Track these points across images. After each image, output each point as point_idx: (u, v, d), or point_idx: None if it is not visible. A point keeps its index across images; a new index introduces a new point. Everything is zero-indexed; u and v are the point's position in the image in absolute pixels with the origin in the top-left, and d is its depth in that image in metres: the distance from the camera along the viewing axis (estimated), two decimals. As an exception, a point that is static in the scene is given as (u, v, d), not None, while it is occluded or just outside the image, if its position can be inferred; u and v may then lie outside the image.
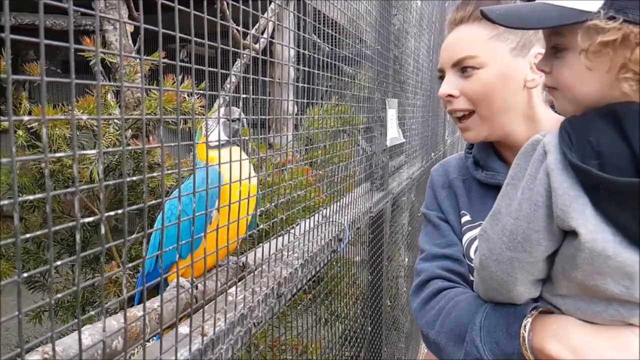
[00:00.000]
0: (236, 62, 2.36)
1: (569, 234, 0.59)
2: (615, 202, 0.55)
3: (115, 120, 1.72)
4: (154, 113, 1.76)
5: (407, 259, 2.84)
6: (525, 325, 0.67)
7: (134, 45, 2.31)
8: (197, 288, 0.83)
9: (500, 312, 0.72)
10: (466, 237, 0.91)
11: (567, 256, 0.60)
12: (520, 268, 0.63)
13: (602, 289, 0.58)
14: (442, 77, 0.91)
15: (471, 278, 0.88)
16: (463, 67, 0.86)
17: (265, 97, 0.81)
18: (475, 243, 0.88)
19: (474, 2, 0.87)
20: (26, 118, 0.36)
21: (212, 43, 0.60)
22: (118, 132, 1.75)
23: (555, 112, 0.89)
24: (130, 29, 2.46)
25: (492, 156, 0.92)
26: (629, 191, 0.53)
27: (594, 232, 0.55)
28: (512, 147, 0.89)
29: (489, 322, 0.72)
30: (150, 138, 2.02)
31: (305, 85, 1.00)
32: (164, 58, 0.55)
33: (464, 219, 0.93)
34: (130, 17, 2.34)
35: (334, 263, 1.49)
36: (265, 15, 1.46)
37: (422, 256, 0.94)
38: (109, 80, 2.28)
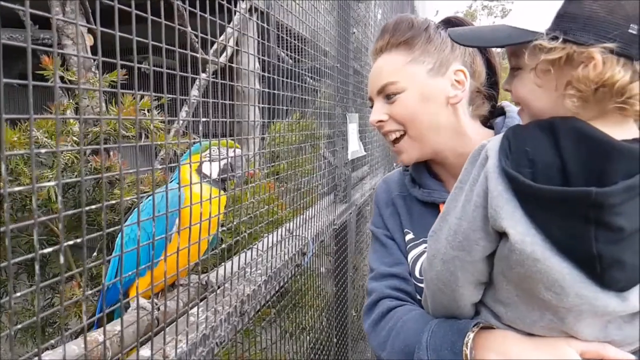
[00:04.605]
0: (199, 76, 2.35)
1: (504, 236, 0.61)
2: (541, 209, 0.58)
3: (74, 138, 1.69)
4: (114, 129, 1.74)
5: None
6: (467, 343, 0.69)
7: (94, 61, 2.28)
8: (158, 309, 0.83)
9: (445, 330, 0.74)
10: (411, 255, 0.93)
11: (502, 257, 0.63)
12: (461, 267, 0.66)
13: (536, 293, 0.61)
14: (372, 106, 0.96)
15: (418, 297, 0.90)
16: (387, 94, 0.90)
17: (225, 120, 0.83)
18: (420, 260, 0.91)
19: (390, 31, 0.92)
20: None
21: (171, 72, 0.62)
22: (77, 150, 1.72)
23: (487, 126, 0.95)
24: (89, 42, 2.41)
25: (425, 174, 0.95)
26: (552, 198, 0.57)
27: (523, 234, 0.58)
28: (444, 164, 0.94)
29: (434, 341, 0.74)
30: (111, 153, 2.00)
31: (269, 106, 1.02)
32: (123, 74, 0.56)
33: (407, 237, 0.95)
34: (90, 31, 2.30)
35: (299, 276, 1.51)
36: (227, 31, 1.48)
37: (372, 275, 0.96)
38: (68, 96, 2.24)
